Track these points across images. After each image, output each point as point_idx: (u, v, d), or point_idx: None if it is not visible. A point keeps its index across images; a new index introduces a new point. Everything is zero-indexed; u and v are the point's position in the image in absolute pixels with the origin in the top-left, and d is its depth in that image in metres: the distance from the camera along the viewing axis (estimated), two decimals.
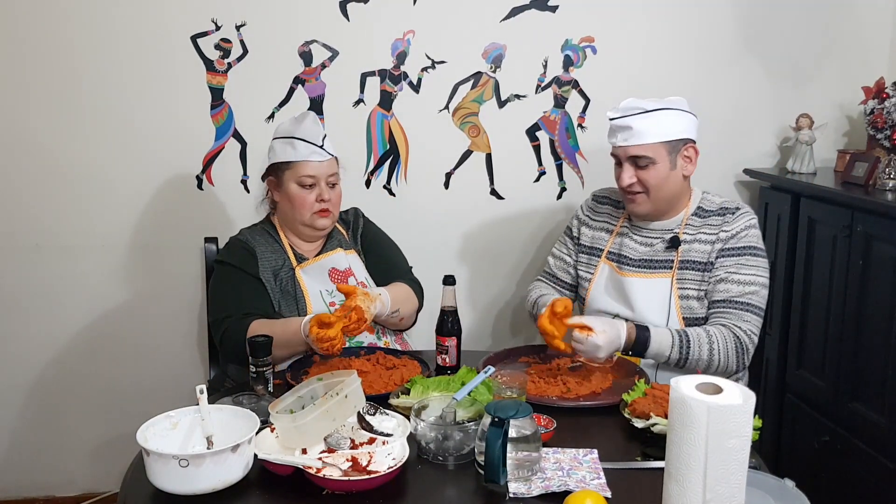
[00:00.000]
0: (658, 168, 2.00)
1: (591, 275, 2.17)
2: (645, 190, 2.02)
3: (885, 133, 2.51)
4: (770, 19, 2.75)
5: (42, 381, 2.69)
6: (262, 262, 2.06)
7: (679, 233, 2.06)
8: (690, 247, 2.04)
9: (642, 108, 2.00)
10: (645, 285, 2.06)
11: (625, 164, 2.02)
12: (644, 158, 1.99)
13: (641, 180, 2.01)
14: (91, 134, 2.54)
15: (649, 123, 1.99)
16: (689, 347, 1.91)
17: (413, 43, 2.62)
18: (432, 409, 1.57)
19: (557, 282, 2.28)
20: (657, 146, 1.99)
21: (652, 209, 2.06)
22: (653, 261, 2.08)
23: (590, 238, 2.21)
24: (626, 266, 2.10)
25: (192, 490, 1.35)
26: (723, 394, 1.21)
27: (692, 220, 2.07)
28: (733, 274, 1.98)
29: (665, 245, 2.06)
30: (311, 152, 2.04)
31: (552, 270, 2.29)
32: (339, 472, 1.39)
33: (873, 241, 2.26)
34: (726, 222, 2.03)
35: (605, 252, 2.16)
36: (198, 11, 2.51)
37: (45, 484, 2.75)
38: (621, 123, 2.00)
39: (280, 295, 2.05)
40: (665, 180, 2.01)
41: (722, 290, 1.98)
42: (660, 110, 2.00)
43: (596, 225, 2.22)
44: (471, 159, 2.73)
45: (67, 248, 2.61)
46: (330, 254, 2.13)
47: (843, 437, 2.38)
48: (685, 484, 1.21)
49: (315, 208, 2.06)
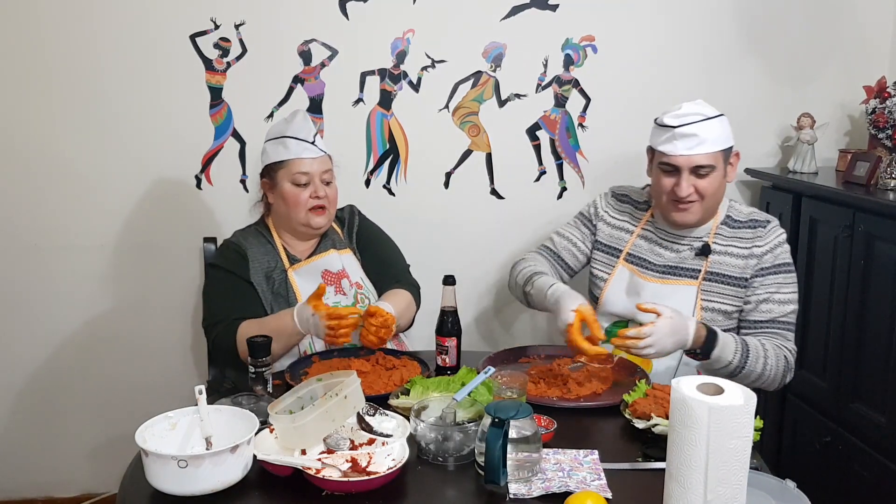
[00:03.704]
0: (716, 176, 1.94)
1: (608, 275, 2.11)
2: (700, 199, 1.95)
3: (887, 132, 2.51)
4: (771, 19, 2.75)
5: (41, 381, 2.68)
6: (253, 264, 2.05)
7: (709, 241, 2.02)
8: (721, 258, 2.00)
9: (704, 115, 1.92)
10: (667, 292, 2.01)
11: (684, 172, 1.93)
12: (706, 167, 1.92)
13: (699, 189, 1.94)
14: (89, 133, 2.54)
15: (712, 130, 1.92)
16: (748, 357, 1.89)
17: (413, 42, 2.62)
18: (432, 410, 1.56)
19: (560, 262, 2.19)
20: (718, 154, 1.93)
21: (700, 218, 1.99)
22: (679, 268, 2.03)
23: (607, 236, 2.15)
24: (648, 271, 2.06)
25: (191, 491, 1.34)
26: (724, 394, 1.21)
27: (721, 229, 2.03)
28: (774, 294, 1.97)
29: (693, 252, 2.02)
30: (302, 150, 2.03)
31: (556, 249, 2.19)
32: (338, 472, 1.38)
33: (875, 241, 2.25)
34: (759, 237, 2.00)
35: (623, 253, 2.10)
36: (197, 10, 2.51)
37: (44, 484, 2.75)
38: (687, 131, 1.91)
39: (272, 297, 2.04)
40: (718, 188, 1.96)
41: (765, 310, 1.97)
42: (717, 117, 1.94)
43: (615, 223, 2.16)
44: (471, 159, 2.73)
45: (66, 248, 2.61)
46: (323, 255, 2.12)
47: (844, 438, 2.37)
48: (686, 485, 1.21)
49: (310, 205, 2.04)
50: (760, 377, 1.92)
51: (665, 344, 1.77)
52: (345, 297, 2.08)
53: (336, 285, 2.09)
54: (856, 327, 2.32)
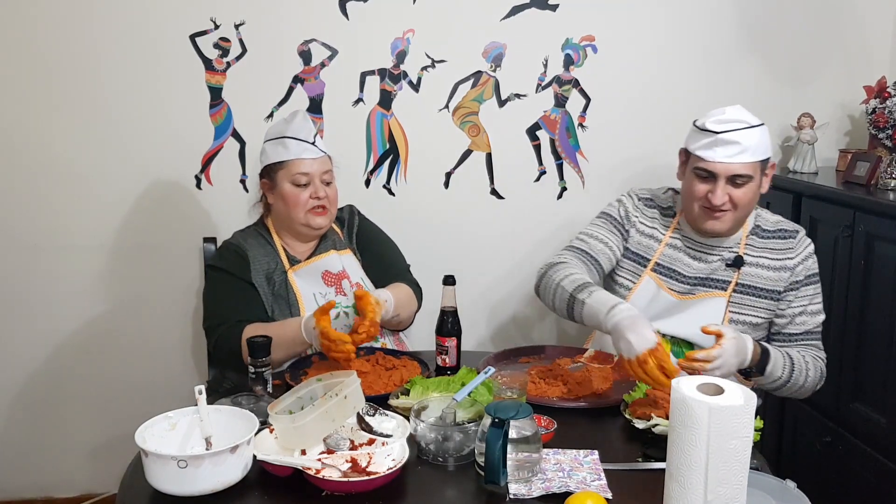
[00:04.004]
0: (752, 186, 1.89)
1: (633, 284, 2.04)
2: (733, 208, 1.89)
3: (887, 132, 2.51)
4: (771, 18, 2.75)
5: (40, 381, 2.68)
6: (254, 265, 2.04)
7: (740, 252, 1.98)
8: (752, 270, 1.97)
9: (748, 123, 1.87)
10: (695, 304, 1.97)
11: (721, 180, 1.87)
12: (744, 177, 1.87)
13: (733, 199, 1.88)
14: (89, 133, 2.54)
15: (755, 139, 1.86)
16: (794, 371, 1.89)
17: (413, 42, 2.62)
18: (432, 410, 1.56)
19: (597, 266, 2.03)
20: (757, 164, 1.88)
21: (731, 228, 1.94)
22: (709, 279, 1.99)
23: (636, 244, 2.06)
24: (677, 282, 2.00)
25: (191, 491, 1.34)
26: (724, 394, 1.21)
27: (751, 239, 1.99)
28: (808, 306, 1.97)
29: (724, 264, 1.98)
30: (302, 150, 2.03)
31: (593, 253, 2.03)
32: (338, 473, 1.38)
33: (875, 241, 2.25)
34: (790, 248, 1.98)
35: (651, 263, 2.03)
36: (196, 10, 2.51)
37: (44, 485, 2.75)
38: (729, 138, 1.85)
39: (273, 299, 2.04)
40: (752, 199, 1.92)
41: (800, 322, 1.97)
42: (760, 126, 1.88)
43: (645, 231, 2.07)
44: (471, 159, 2.73)
45: (66, 248, 2.60)
46: (322, 256, 2.11)
47: (844, 438, 2.37)
48: (686, 485, 1.21)
49: (310, 206, 2.03)
50: (801, 389, 1.93)
51: (731, 365, 1.73)
52: (345, 298, 2.08)
53: (336, 286, 2.09)
54: (856, 327, 2.32)
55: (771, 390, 1.95)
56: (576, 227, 2.78)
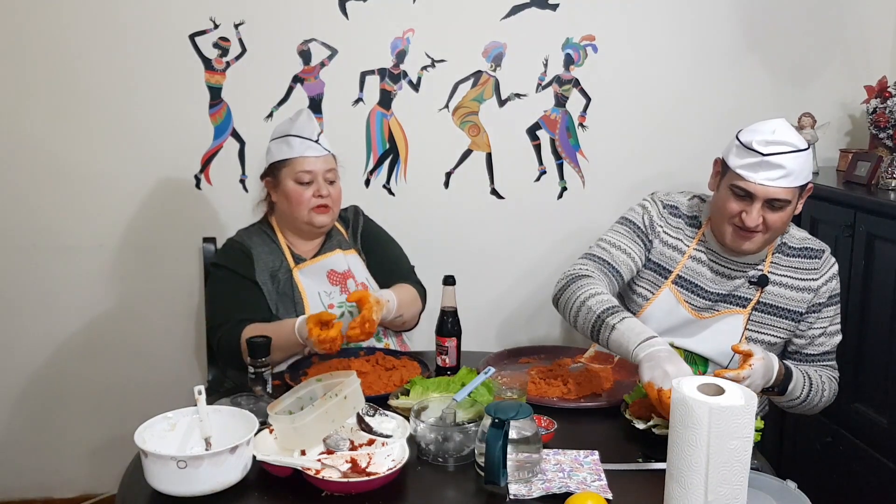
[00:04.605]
0: (788, 210, 1.81)
1: (652, 296, 1.96)
2: (765, 230, 1.81)
3: (888, 132, 2.50)
4: (772, 18, 2.74)
5: (40, 381, 2.68)
6: (258, 263, 2.04)
7: (765, 270, 1.91)
8: (775, 290, 1.91)
9: (795, 146, 1.76)
10: (712, 321, 1.93)
11: (757, 203, 1.77)
12: (782, 201, 1.78)
13: (767, 222, 1.79)
14: (88, 133, 2.54)
15: (799, 164, 1.76)
16: (811, 392, 1.87)
17: (413, 41, 2.61)
18: (432, 411, 1.56)
19: (617, 276, 1.92)
20: (796, 189, 1.79)
21: (760, 248, 1.87)
22: (731, 296, 1.92)
23: (659, 254, 1.96)
24: (697, 297, 1.93)
25: (191, 492, 1.34)
26: (724, 395, 1.21)
27: (777, 257, 1.92)
28: (828, 327, 1.95)
29: (747, 282, 1.91)
30: (306, 148, 2.03)
31: (615, 263, 1.92)
32: (338, 473, 1.38)
33: (875, 241, 2.25)
34: (815, 269, 1.92)
35: (673, 275, 1.94)
36: (196, 10, 2.50)
37: (44, 485, 2.74)
38: (775, 161, 1.74)
39: (277, 297, 2.04)
40: (787, 222, 1.85)
41: (819, 343, 1.95)
42: (806, 150, 1.78)
43: (669, 241, 1.96)
44: (471, 159, 2.72)
45: (65, 248, 2.60)
46: (328, 255, 2.11)
47: (845, 438, 2.37)
48: (687, 485, 1.21)
49: (312, 204, 2.03)
50: (814, 408, 1.92)
51: (758, 385, 1.70)
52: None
53: (342, 285, 2.09)
54: (857, 327, 2.32)
55: (785, 408, 1.92)
56: (576, 227, 2.79)
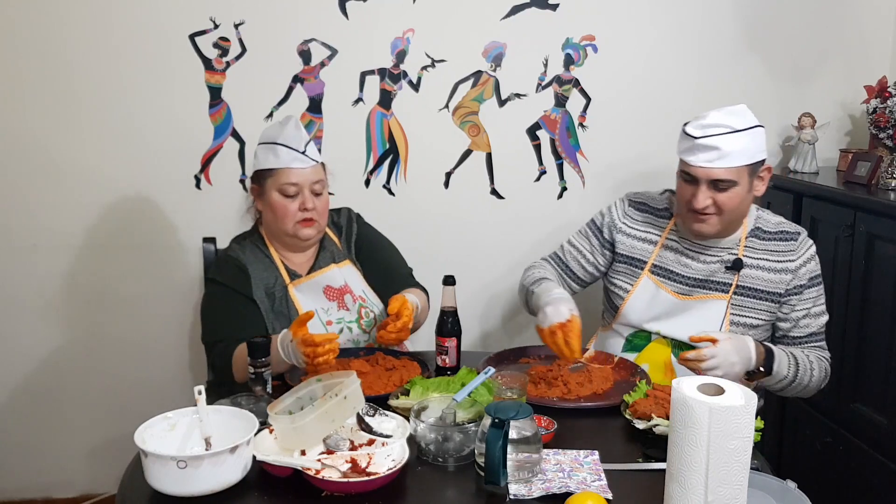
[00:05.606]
0: (737, 191, 1.86)
1: (631, 286, 2.05)
2: (718, 212, 1.89)
3: (888, 132, 2.50)
4: (772, 18, 2.74)
5: (40, 381, 2.68)
6: (254, 280, 1.98)
7: (739, 254, 1.97)
8: (752, 272, 1.96)
9: (731, 127, 1.83)
10: (695, 306, 1.97)
11: (702, 185, 1.86)
12: (726, 182, 1.85)
13: (717, 203, 1.87)
14: (88, 133, 2.54)
15: (738, 144, 1.83)
16: (799, 369, 1.89)
17: (413, 41, 2.61)
18: (432, 411, 1.56)
19: (566, 270, 2.15)
20: (742, 169, 1.85)
21: (719, 231, 1.94)
22: (709, 281, 1.98)
23: (628, 247, 2.07)
24: (676, 283, 2.00)
25: (191, 492, 1.34)
26: (724, 395, 1.21)
27: (751, 241, 1.98)
28: (811, 309, 1.97)
29: (724, 266, 1.97)
30: (292, 159, 1.95)
31: (564, 258, 2.16)
32: (338, 473, 1.38)
33: (875, 241, 2.25)
34: (791, 250, 1.96)
35: (648, 265, 2.03)
36: (196, 10, 2.50)
37: (44, 485, 2.74)
38: (707, 143, 1.83)
39: (273, 316, 1.98)
40: (741, 203, 1.90)
41: (804, 325, 1.98)
42: (747, 130, 1.84)
43: (635, 234, 2.08)
44: (471, 159, 2.72)
45: (65, 248, 2.60)
46: (323, 271, 2.06)
47: (845, 438, 2.37)
48: (687, 485, 1.21)
49: (298, 217, 1.97)
50: (807, 387, 1.93)
51: (733, 364, 1.75)
52: (348, 313, 2.05)
53: (339, 301, 2.05)
54: (856, 327, 2.32)
55: (777, 390, 1.95)
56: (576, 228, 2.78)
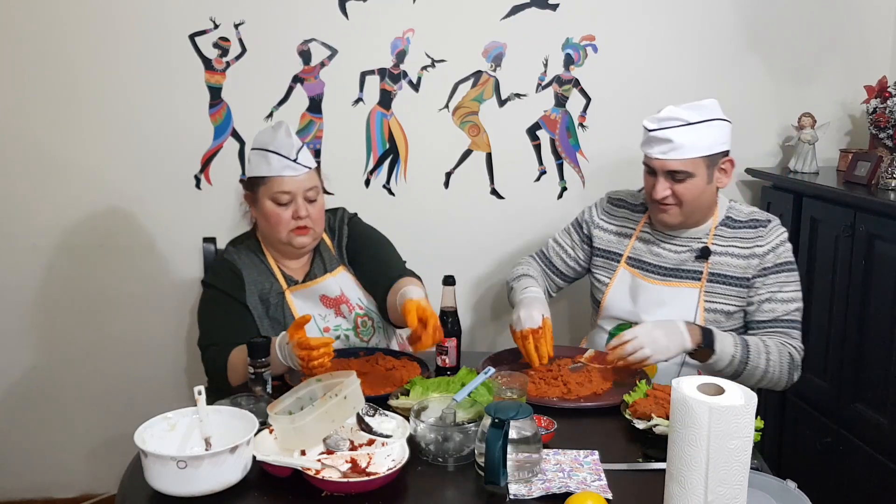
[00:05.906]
0: (695, 182, 1.94)
1: (609, 279, 2.12)
2: (678, 203, 1.97)
3: (888, 132, 2.50)
4: (772, 18, 2.74)
5: (40, 381, 2.68)
6: (248, 286, 1.97)
7: (708, 243, 2.02)
8: (721, 259, 2.00)
9: (684, 120, 1.92)
10: (670, 294, 2.02)
11: (660, 176, 1.95)
12: (682, 173, 1.93)
13: (676, 193, 1.95)
14: (88, 133, 2.54)
15: (691, 137, 1.91)
16: (749, 353, 1.88)
17: (413, 41, 2.61)
18: (432, 411, 1.56)
19: (550, 266, 2.25)
20: (697, 161, 1.92)
21: (683, 221, 2.01)
22: (680, 270, 2.03)
23: (605, 242, 2.17)
24: (651, 273, 2.07)
25: (190, 492, 1.34)
26: (724, 395, 1.21)
27: (721, 230, 2.03)
28: (776, 293, 1.97)
29: (693, 255, 2.03)
30: (284, 167, 1.92)
31: (548, 254, 2.26)
32: (338, 473, 1.38)
33: (876, 241, 2.25)
34: (760, 236, 2.00)
35: (624, 257, 2.12)
36: (196, 10, 2.51)
37: (44, 485, 2.74)
38: (660, 136, 1.92)
39: (268, 322, 1.97)
40: (700, 194, 1.96)
41: (767, 309, 1.97)
42: (702, 123, 1.92)
43: (611, 228, 2.17)
44: (471, 158, 2.72)
45: (65, 248, 2.60)
46: (319, 281, 2.04)
47: (845, 439, 2.37)
48: (687, 485, 1.21)
49: (291, 226, 1.94)
50: (765, 375, 1.91)
51: (658, 342, 1.79)
52: (345, 321, 2.04)
53: (335, 309, 2.04)
54: (857, 327, 2.32)
55: (730, 375, 1.88)
56: None
